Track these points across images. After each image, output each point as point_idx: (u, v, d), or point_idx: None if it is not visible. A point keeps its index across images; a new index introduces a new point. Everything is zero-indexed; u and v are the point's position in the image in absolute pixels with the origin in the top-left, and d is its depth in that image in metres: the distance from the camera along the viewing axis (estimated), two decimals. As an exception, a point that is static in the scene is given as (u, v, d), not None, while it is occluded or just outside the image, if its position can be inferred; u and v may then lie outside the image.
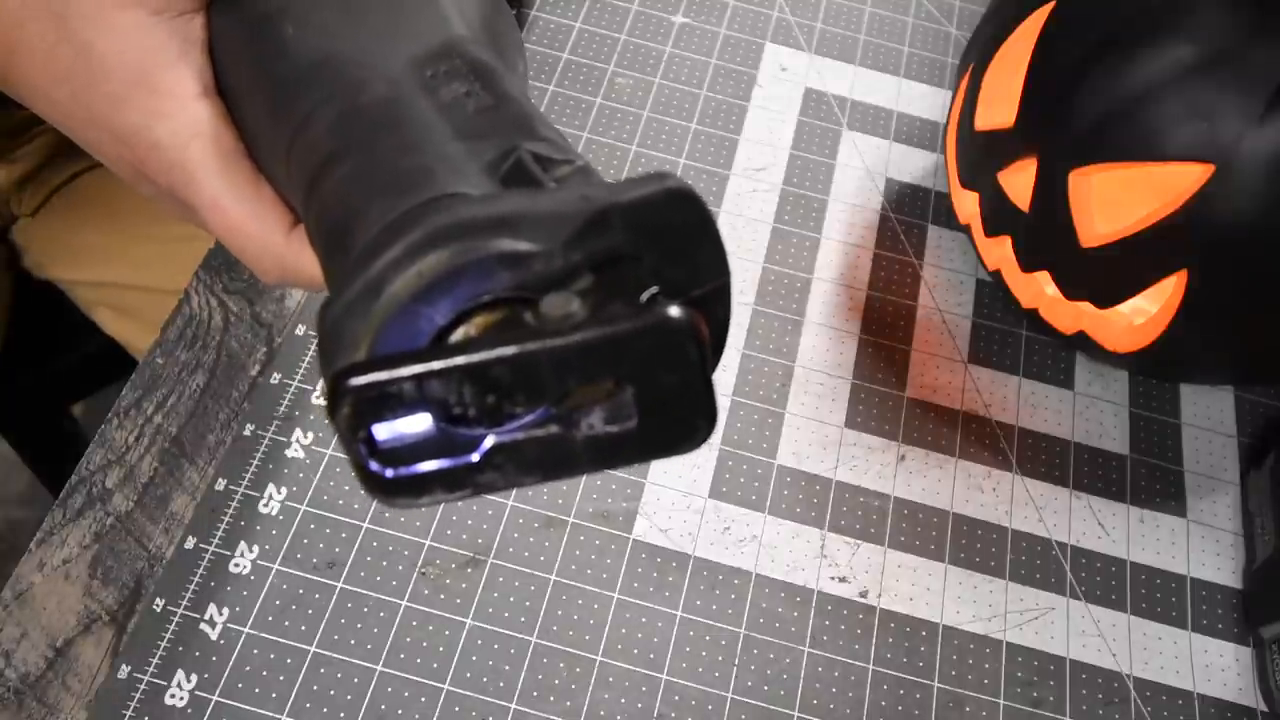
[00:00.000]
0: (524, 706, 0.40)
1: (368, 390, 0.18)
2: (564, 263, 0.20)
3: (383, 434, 0.19)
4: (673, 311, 0.19)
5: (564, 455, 0.20)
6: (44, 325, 0.76)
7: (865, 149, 0.57)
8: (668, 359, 0.19)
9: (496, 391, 0.19)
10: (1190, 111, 0.39)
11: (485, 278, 0.20)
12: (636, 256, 0.21)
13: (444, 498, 0.20)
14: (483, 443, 0.19)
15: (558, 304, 0.20)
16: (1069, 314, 0.47)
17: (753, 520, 0.45)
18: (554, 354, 0.18)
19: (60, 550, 0.41)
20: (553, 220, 0.20)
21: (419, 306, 0.20)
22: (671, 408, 0.19)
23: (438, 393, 0.18)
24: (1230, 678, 0.44)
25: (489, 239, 0.20)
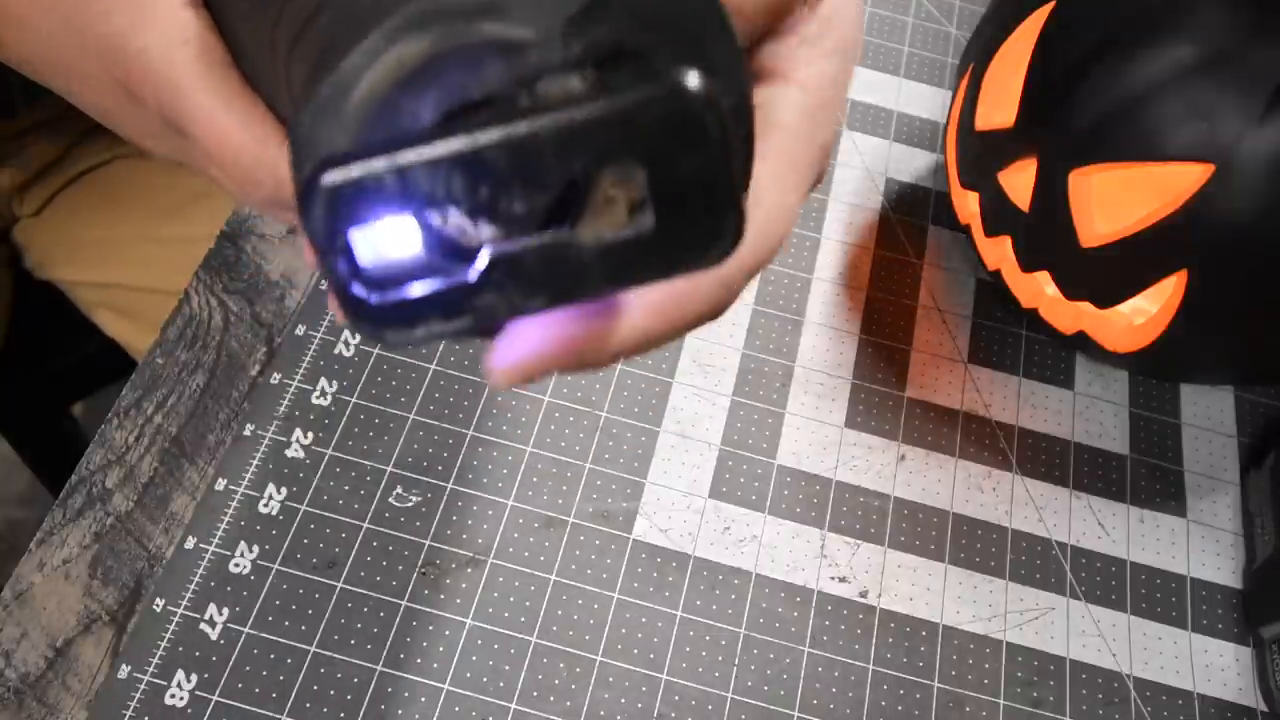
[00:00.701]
0: (524, 706, 0.40)
1: (346, 186, 0.16)
2: (562, 54, 0.18)
3: (366, 257, 0.17)
4: (689, 78, 0.16)
5: (573, 269, 0.17)
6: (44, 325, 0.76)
7: (865, 149, 0.57)
8: (684, 135, 0.17)
9: (491, 182, 0.16)
10: (1190, 111, 0.39)
11: (474, 68, 0.18)
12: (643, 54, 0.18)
13: (440, 329, 0.17)
14: (479, 258, 0.17)
15: (556, 82, 0.18)
16: (1069, 314, 0.47)
17: (753, 520, 0.45)
18: (554, 130, 0.16)
19: (60, 550, 0.41)
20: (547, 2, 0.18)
21: (400, 98, 0.18)
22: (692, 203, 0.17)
23: (424, 185, 0.16)
24: (1230, 678, 0.44)
25: (476, 22, 0.18)
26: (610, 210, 0.17)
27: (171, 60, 0.25)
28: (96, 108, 0.28)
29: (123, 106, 0.27)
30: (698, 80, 0.16)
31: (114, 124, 0.29)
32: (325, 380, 0.46)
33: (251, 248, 0.49)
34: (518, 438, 0.45)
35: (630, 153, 0.17)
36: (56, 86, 0.29)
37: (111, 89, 0.27)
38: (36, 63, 0.28)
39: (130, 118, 0.28)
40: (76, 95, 0.28)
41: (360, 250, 0.17)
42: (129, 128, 0.29)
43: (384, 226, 0.17)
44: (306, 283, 0.48)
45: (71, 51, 0.27)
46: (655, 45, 0.18)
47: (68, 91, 0.28)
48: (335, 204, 0.16)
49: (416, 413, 0.46)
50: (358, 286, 0.17)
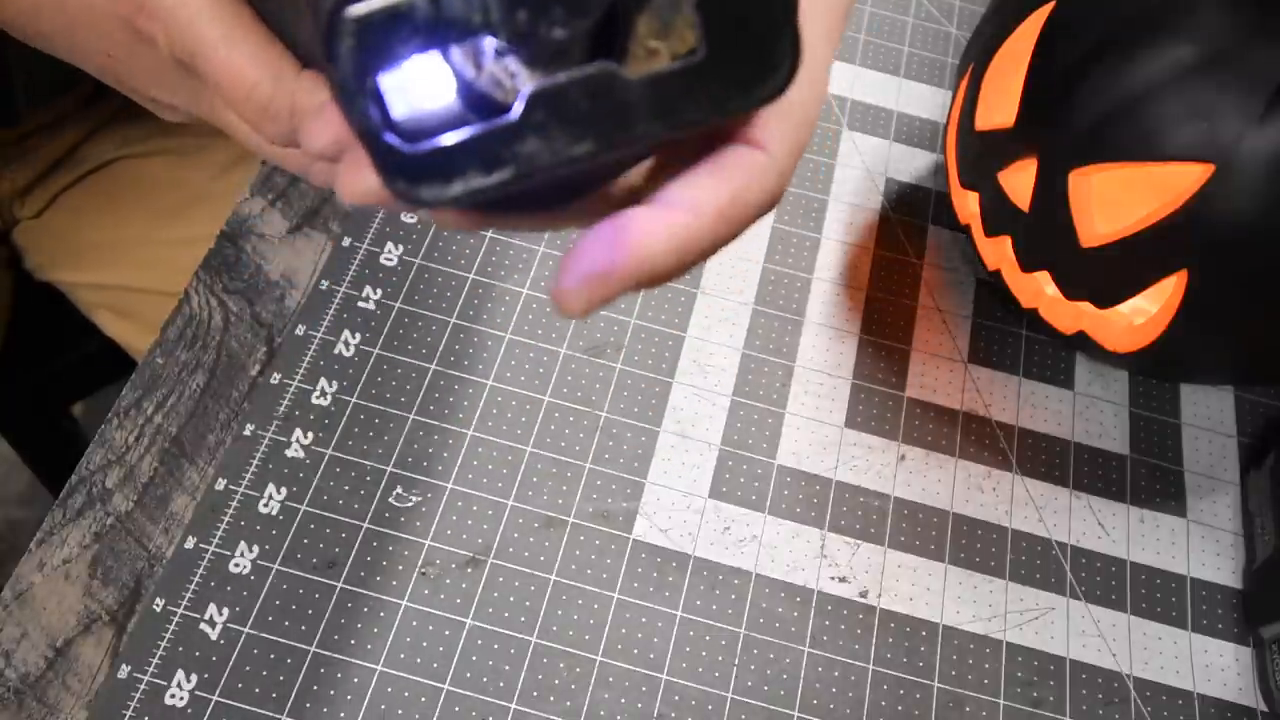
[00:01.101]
0: (524, 706, 0.40)
1: (374, 17, 0.15)
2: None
3: (400, 108, 0.16)
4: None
5: (619, 107, 0.16)
6: (44, 326, 0.76)
7: (865, 149, 0.57)
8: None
9: (529, 2, 0.15)
10: (1190, 111, 0.39)
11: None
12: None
13: (480, 182, 0.16)
14: (520, 97, 0.16)
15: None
16: (1069, 314, 0.47)
17: (753, 520, 0.45)
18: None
19: (60, 550, 0.41)
20: None
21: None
22: (746, 26, 0.16)
23: (458, 9, 0.15)
24: (1230, 678, 0.44)
25: None
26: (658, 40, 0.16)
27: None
28: (99, 53, 0.27)
29: (129, 49, 0.26)
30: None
31: (119, 73, 0.28)
32: (325, 380, 0.46)
33: (251, 248, 0.49)
34: (518, 438, 0.45)
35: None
36: (56, 44, 0.28)
37: (118, 29, 0.26)
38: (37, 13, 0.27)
39: (137, 61, 0.27)
40: (80, 43, 0.27)
41: (392, 99, 0.16)
42: (135, 75, 0.27)
43: (416, 68, 0.16)
44: (306, 283, 0.48)
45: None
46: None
47: (69, 45, 0.27)
48: (363, 38, 0.15)
49: (416, 413, 0.46)
50: (390, 135, 0.16)
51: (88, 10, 0.26)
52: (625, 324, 0.49)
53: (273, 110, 0.24)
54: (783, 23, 0.16)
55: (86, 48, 0.27)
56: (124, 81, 0.28)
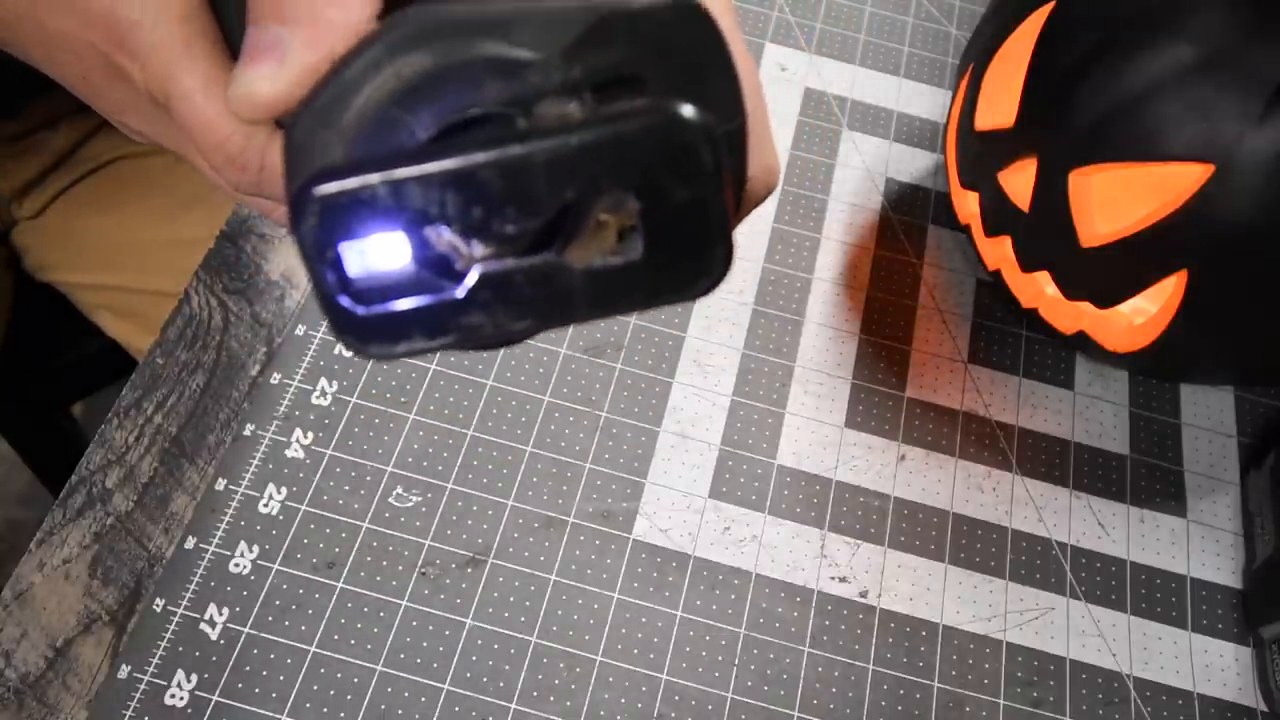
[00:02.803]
0: (524, 706, 0.40)
1: (338, 197, 0.16)
2: (561, 76, 0.18)
3: (356, 268, 0.17)
4: (685, 110, 0.16)
5: (559, 293, 0.17)
6: (44, 326, 0.76)
7: (865, 149, 0.57)
8: (679, 166, 0.16)
9: (484, 202, 0.16)
10: (1190, 111, 0.39)
11: (473, 86, 0.18)
12: (640, 80, 0.18)
13: (424, 345, 0.17)
14: (467, 276, 0.17)
15: (553, 106, 0.18)
16: (1069, 314, 0.47)
17: (753, 520, 0.45)
18: (549, 155, 0.16)
19: (60, 550, 0.41)
20: (550, 25, 0.18)
21: (398, 113, 0.18)
22: (682, 232, 0.17)
23: (417, 202, 0.16)
24: (1230, 678, 0.44)
25: (478, 40, 0.18)
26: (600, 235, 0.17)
27: (165, 37, 0.24)
28: (76, 76, 0.27)
29: (105, 78, 0.26)
30: (694, 112, 0.16)
31: (91, 95, 0.28)
32: (325, 380, 0.46)
33: (251, 248, 0.49)
34: (518, 438, 0.45)
35: (624, 181, 0.16)
36: (33, 56, 0.27)
37: (95, 59, 0.26)
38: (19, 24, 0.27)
39: (112, 90, 0.27)
40: (58, 63, 0.27)
41: (349, 261, 0.17)
42: (106, 101, 0.28)
43: (375, 240, 0.17)
44: (306, 283, 0.48)
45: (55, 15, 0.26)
46: (653, 71, 0.18)
47: (47, 60, 0.27)
48: (327, 215, 0.16)
49: (416, 413, 0.46)
50: (345, 298, 0.17)
51: (65, 36, 0.26)
52: (625, 324, 0.49)
53: (241, 162, 0.25)
54: (717, 236, 0.17)
55: (64, 69, 0.27)
56: (97, 104, 0.28)
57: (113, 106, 0.28)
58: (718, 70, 0.19)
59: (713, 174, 0.17)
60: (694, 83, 0.19)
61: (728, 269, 0.18)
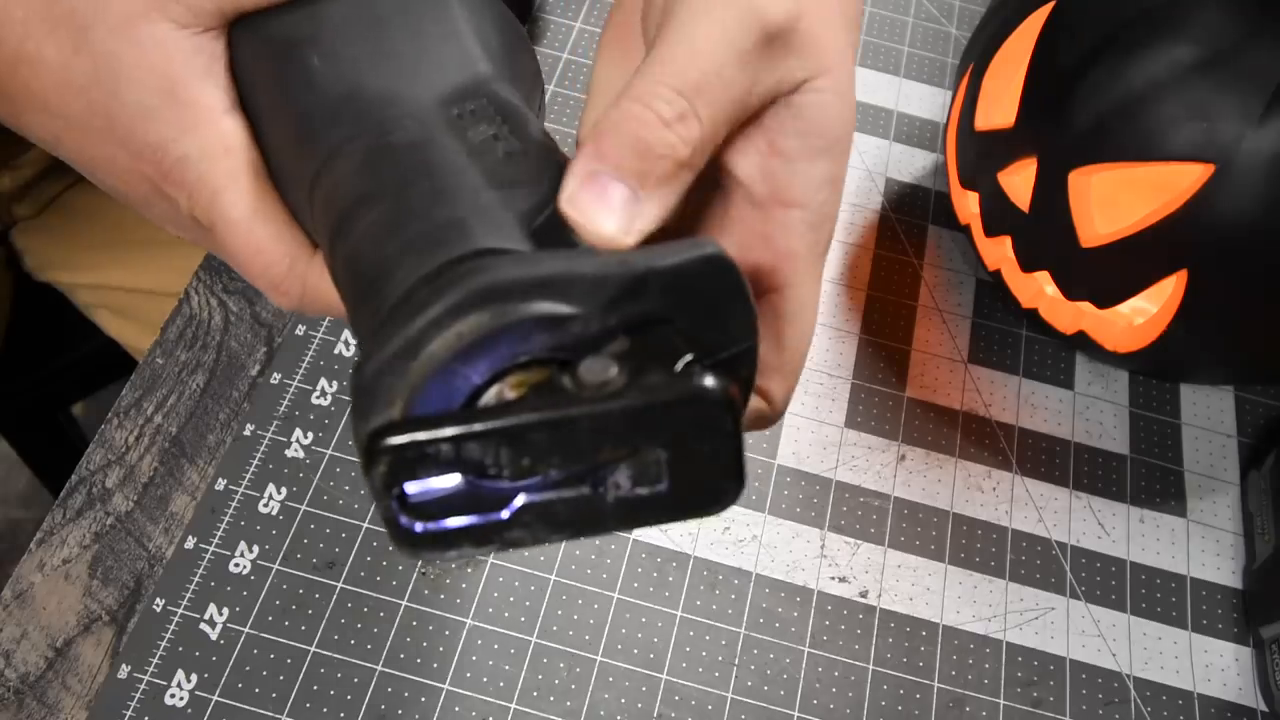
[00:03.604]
0: (524, 706, 0.40)
1: (405, 450, 0.18)
2: (600, 325, 0.20)
3: (413, 489, 0.19)
4: (709, 382, 0.19)
5: (593, 515, 0.20)
6: (44, 326, 0.76)
7: (865, 149, 0.57)
8: (703, 428, 0.19)
9: (532, 454, 0.19)
10: (1190, 111, 0.39)
11: (524, 339, 0.20)
12: (669, 320, 0.21)
13: (471, 552, 0.20)
14: (513, 501, 0.20)
15: (596, 369, 0.20)
16: (1069, 314, 0.47)
17: (753, 520, 0.45)
18: (593, 420, 0.19)
19: (60, 550, 0.41)
20: (592, 284, 0.20)
21: (457, 366, 0.20)
22: (702, 472, 0.20)
23: (474, 454, 0.19)
24: (1230, 678, 0.44)
25: (530, 301, 0.20)
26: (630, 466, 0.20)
27: (211, 170, 0.25)
28: (119, 190, 0.28)
29: (148, 198, 0.27)
30: (715, 384, 0.19)
31: (135, 206, 0.29)
32: (325, 380, 0.46)
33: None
34: (518, 438, 0.45)
35: (655, 440, 0.19)
36: (77, 168, 0.28)
37: (139, 181, 0.27)
38: (60, 145, 0.28)
39: (154, 208, 0.28)
40: (100, 178, 0.28)
41: (409, 487, 0.19)
42: (147, 213, 0.29)
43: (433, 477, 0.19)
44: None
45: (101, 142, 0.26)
46: (679, 314, 0.21)
47: (91, 174, 0.28)
48: (395, 463, 0.19)
49: (416, 413, 0.45)
50: (405, 519, 0.19)
51: (110, 160, 0.27)
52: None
53: (285, 287, 0.26)
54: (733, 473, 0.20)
55: (107, 185, 0.28)
56: (137, 211, 0.29)
57: (155, 218, 0.29)
58: (738, 308, 0.22)
59: (730, 432, 0.19)
60: (716, 320, 0.22)
61: (739, 496, 0.20)
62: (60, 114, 0.26)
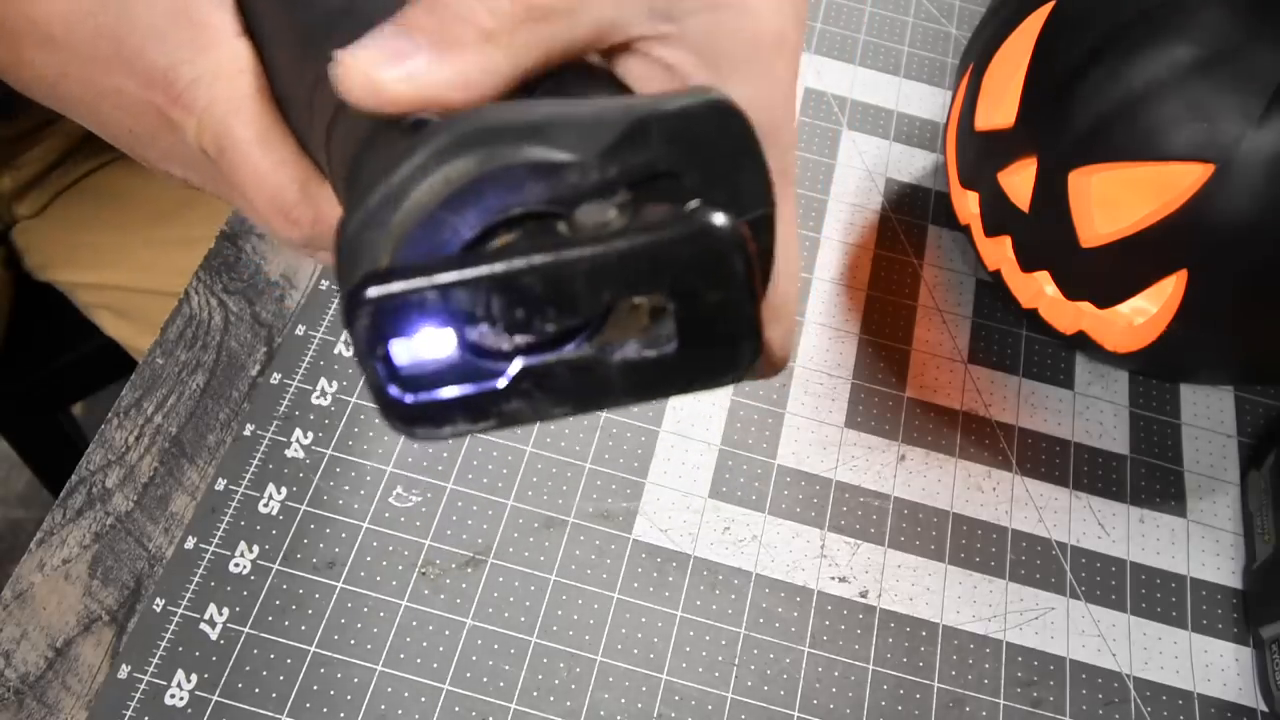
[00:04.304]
0: (524, 706, 0.40)
1: (389, 300, 0.17)
2: (600, 176, 0.19)
3: (403, 358, 0.18)
4: (718, 218, 0.17)
5: (597, 382, 0.18)
6: (44, 326, 0.76)
7: (865, 149, 0.57)
8: (712, 271, 0.18)
9: (527, 304, 0.17)
10: (1190, 111, 0.39)
11: (516, 188, 0.19)
12: (676, 174, 0.19)
13: (467, 428, 0.19)
14: (509, 367, 0.18)
15: (593, 213, 0.18)
16: (1069, 314, 0.47)
17: (753, 520, 0.45)
18: (589, 262, 0.17)
19: (60, 550, 0.41)
20: (589, 128, 0.19)
21: (445, 215, 0.19)
22: (714, 329, 0.18)
23: (464, 304, 0.17)
24: (1230, 678, 0.44)
25: (521, 145, 0.19)
26: (634, 316, 0.18)
27: (225, 94, 0.25)
28: (122, 128, 0.27)
29: (154, 131, 0.27)
30: (725, 220, 0.17)
31: (135, 145, 0.28)
32: (325, 380, 0.46)
33: (251, 248, 0.49)
34: (518, 438, 0.45)
35: (659, 285, 0.18)
36: (79, 111, 0.28)
37: (147, 112, 0.26)
38: (63, 81, 0.27)
39: (160, 141, 0.27)
40: (104, 116, 0.27)
41: (397, 354, 0.18)
42: (153, 151, 0.28)
43: (423, 335, 0.18)
44: (306, 283, 0.48)
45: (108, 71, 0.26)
46: (687, 167, 0.19)
47: (90, 114, 0.27)
48: (378, 316, 0.17)
49: (416, 413, 0.45)
50: (394, 388, 0.18)
51: (116, 91, 0.26)
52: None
53: (294, 216, 0.25)
54: (746, 331, 0.18)
55: (110, 122, 0.27)
56: (141, 154, 0.28)
57: (157, 155, 0.28)
58: (749, 163, 0.20)
59: (744, 279, 0.18)
60: (726, 176, 0.20)
61: (756, 359, 0.19)
62: (65, 44, 0.26)
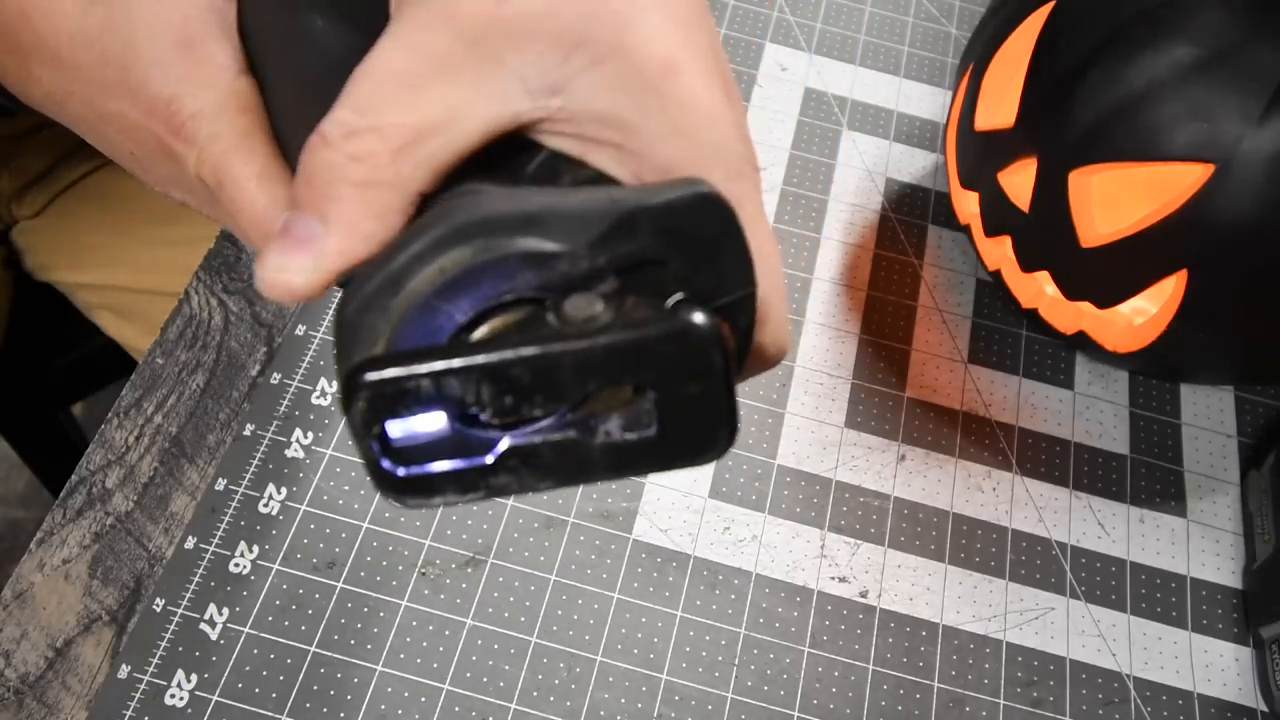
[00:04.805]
0: (524, 706, 0.40)
1: (385, 385, 0.18)
2: (589, 265, 0.20)
3: (396, 432, 0.19)
4: (698, 318, 0.18)
5: (580, 460, 0.19)
6: (44, 326, 0.76)
7: (865, 149, 0.57)
8: (692, 366, 0.19)
9: (515, 392, 0.18)
10: (1190, 111, 0.39)
11: (508, 276, 0.20)
12: (662, 261, 0.20)
13: (455, 499, 0.19)
14: (498, 444, 0.19)
15: (581, 305, 0.19)
16: (1069, 314, 0.47)
17: (753, 520, 0.45)
18: (576, 356, 0.18)
19: (60, 550, 0.41)
20: (579, 220, 0.20)
21: (440, 303, 0.20)
22: (693, 416, 0.19)
23: (455, 391, 0.18)
24: (1230, 678, 0.44)
25: (514, 237, 0.19)
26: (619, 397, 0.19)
27: (224, 128, 0.25)
28: (124, 150, 0.28)
29: (154, 155, 0.27)
30: (705, 319, 0.18)
31: (138, 169, 0.28)
32: (325, 380, 0.46)
33: (251, 247, 0.49)
34: (518, 438, 0.45)
35: (642, 378, 0.18)
36: (81, 129, 0.28)
37: (147, 138, 0.26)
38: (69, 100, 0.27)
39: (160, 167, 0.27)
40: (107, 137, 0.28)
41: (391, 429, 0.19)
42: (153, 174, 0.28)
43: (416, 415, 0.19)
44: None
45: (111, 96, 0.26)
46: (672, 255, 0.20)
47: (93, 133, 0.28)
48: (375, 399, 0.18)
49: (416, 413, 0.45)
50: (387, 462, 0.19)
51: (119, 116, 0.26)
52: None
53: None
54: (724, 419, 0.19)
55: (113, 143, 0.28)
56: (141, 175, 0.29)
57: (156, 179, 0.28)
58: (731, 247, 0.21)
59: (721, 372, 0.19)
60: (710, 262, 0.21)
61: (731, 443, 0.20)
62: (71, 64, 0.26)
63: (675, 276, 0.20)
